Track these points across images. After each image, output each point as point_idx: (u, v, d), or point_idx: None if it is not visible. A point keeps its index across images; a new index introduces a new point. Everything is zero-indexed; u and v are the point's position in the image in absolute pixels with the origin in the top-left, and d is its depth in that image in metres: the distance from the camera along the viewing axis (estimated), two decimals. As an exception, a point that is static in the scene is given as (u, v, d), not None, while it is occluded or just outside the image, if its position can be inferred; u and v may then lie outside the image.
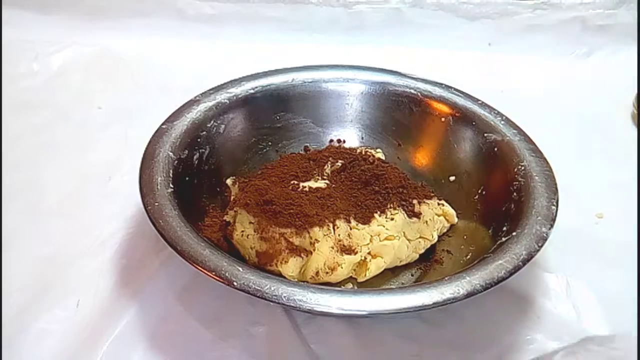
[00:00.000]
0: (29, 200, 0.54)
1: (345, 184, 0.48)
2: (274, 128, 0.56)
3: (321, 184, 0.48)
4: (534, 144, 0.50)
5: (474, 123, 0.53)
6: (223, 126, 0.53)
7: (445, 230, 0.50)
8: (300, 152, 0.55)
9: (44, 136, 0.62)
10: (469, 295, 0.37)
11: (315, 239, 0.43)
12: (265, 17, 0.78)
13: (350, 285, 0.45)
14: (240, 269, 0.38)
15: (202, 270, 0.38)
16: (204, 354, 0.42)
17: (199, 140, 0.51)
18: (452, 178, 0.53)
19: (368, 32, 0.78)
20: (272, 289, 0.37)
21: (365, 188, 0.47)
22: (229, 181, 0.51)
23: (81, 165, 0.58)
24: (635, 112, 0.69)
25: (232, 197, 0.50)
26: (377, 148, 0.56)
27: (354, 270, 0.45)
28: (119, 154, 0.59)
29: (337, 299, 0.37)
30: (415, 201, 0.47)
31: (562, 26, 0.77)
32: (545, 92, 0.73)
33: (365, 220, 0.45)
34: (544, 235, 0.42)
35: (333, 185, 0.48)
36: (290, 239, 0.43)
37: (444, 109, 0.55)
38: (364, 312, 0.37)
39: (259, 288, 0.37)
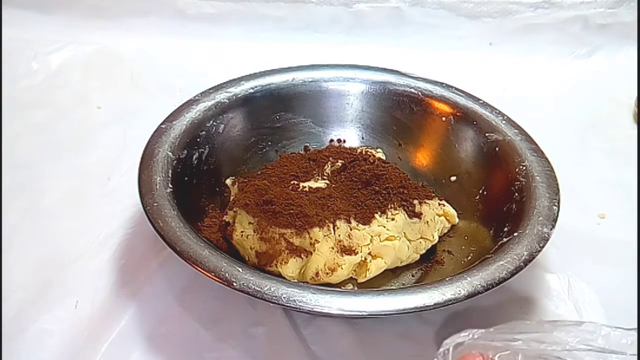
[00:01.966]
0: (28, 200, 0.54)
1: (345, 184, 0.48)
2: (274, 128, 0.56)
3: (321, 184, 0.48)
4: (535, 143, 0.50)
5: (475, 123, 0.53)
6: (222, 126, 0.53)
7: (446, 230, 0.50)
8: (300, 152, 0.55)
9: (43, 136, 0.62)
10: (470, 296, 0.37)
11: (315, 240, 0.43)
12: (265, 16, 0.78)
13: (350, 286, 0.45)
14: (240, 269, 0.38)
15: (202, 270, 0.38)
16: (203, 354, 0.42)
17: (198, 140, 0.50)
18: (453, 178, 0.53)
19: (368, 31, 0.78)
20: (272, 289, 0.37)
21: (366, 188, 0.47)
22: (228, 181, 0.51)
23: (80, 165, 0.58)
24: (636, 111, 0.69)
25: (231, 197, 0.49)
26: (377, 148, 0.55)
27: (354, 270, 0.45)
28: (118, 154, 0.59)
29: (337, 299, 0.37)
30: (416, 201, 0.47)
31: (563, 25, 0.76)
32: (546, 91, 0.73)
33: (366, 220, 0.44)
34: (546, 235, 0.41)
35: (333, 185, 0.48)
36: (290, 240, 0.43)
37: (445, 108, 0.55)
38: (365, 313, 0.37)
39: (258, 289, 0.37)
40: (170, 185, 0.44)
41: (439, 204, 0.49)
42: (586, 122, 0.68)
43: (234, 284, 0.37)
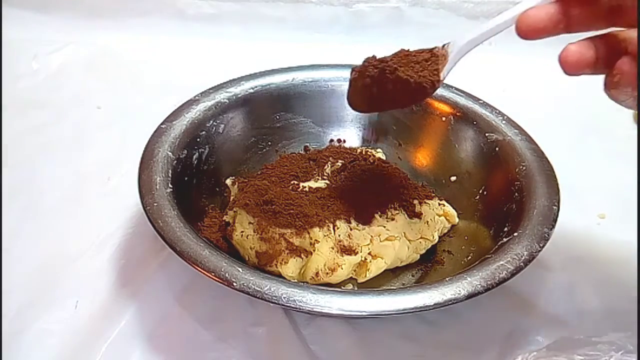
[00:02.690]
0: (28, 200, 0.54)
1: (345, 184, 0.48)
2: (274, 128, 0.56)
3: (321, 184, 0.48)
4: (535, 143, 0.50)
5: (475, 123, 0.53)
6: (222, 126, 0.53)
7: (446, 230, 0.50)
8: (300, 152, 0.55)
9: (43, 136, 0.62)
10: (470, 296, 0.37)
11: (315, 240, 0.43)
12: (265, 16, 0.78)
13: (350, 286, 0.45)
14: (240, 269, 0.38)
15: (202, 270, 0.38)
16: (203, 354, 0.42)
17: (198, 140, 0.50)
18: (453, 178, 0.53)
19: (368, 31, 0.78)
20: (272, 289, 0.37)
21: (366, 188, 0.47)
22: (228, 181, 0.51)
23: (80, 165, 0.58)
24: (636, 111, 0.69)
25: (231, 197, 0.49)
26: (377, 148, 0.55)
27: (354, 270, 0.45)
28: (118, 154, 0.59)
29: (337, 299, 0.37)
30: (416, 201, 0.47)
31: (563, 25, 0.76)
32: (546, 91, 0.73)
33: (366, 220, 0.44)
34: (546, 235, 0.41)
35: (333, 185, 0.48)
36: (290, 240, 0.43)
37: (445, 108, 0.55)
38: (365, 313, 0.37)
39: (258, 289, 0.37)
40: (170, 185, 0.44)
41: (439, 204, 0.49)
42: (586, 122, 0.68)
43: (234, 284, 0.37)
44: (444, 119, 0.54)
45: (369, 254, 0.44)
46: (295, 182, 0.48)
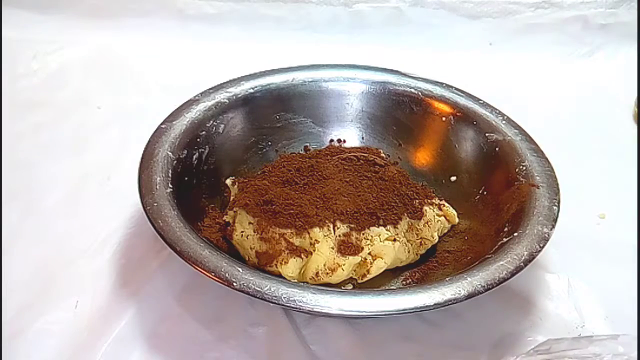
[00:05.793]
0: (28, 200, 0.54)
1: (345, 184, 0.48)
2: (274, 128, 0.56)
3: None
4: (535, 143, 0.50)
5: (475, 123, 0.53)
6: (222, 126, 0.53)
7: (446, 230, 0.50)
8: (300, 152, 0.55)
9: (43, 136, 0.62)
10: (470, 296, 0.37)
11: (315, 240, 0.43)
12: (265, 16, 0.78)
13: (350, 286, 0.45)
14: (240, 269, 0.38)
15: (202, 270, 0.38)
16: (203, 354, 0.42)
17: (198, 140, 0.50)
18: (453, 178, 0.53)
19: (368, 31, 0.78)
20: (272, 289, 0.37)
21: (366, 188, 0.47)
22: (228, 181, 0.51)
23: (80, 165, 0.58)
24: (636, 111, 0.69)
25: (231, 197, 0.49)
26: (377, 148, 0.55)
27: (354, 271, 0.45)
28: (118, 154, 0.59)
29: (337, 299, 0.37)
30: (416, 202, 0.47)
31: (563, 25, 0.76)
32: (546, 91, 0.73)
33: (366, 220, 0.44)
34: (546, 235, 0.41)
35: (333, 185, 0.47)
36: (290, 240, 0.43)
37: (445, 108, 0.55)
38: (365, 313, 0.37)
39: (258, 289, 0.37)
40: (170, 185, 0.44)
41: (439, 204, 0.49)
42: (586, 122, 0.68)
43: (234, 284, 0.37)
44: (444, 119, 0.54)
45: (369, 254, 0.44)
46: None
